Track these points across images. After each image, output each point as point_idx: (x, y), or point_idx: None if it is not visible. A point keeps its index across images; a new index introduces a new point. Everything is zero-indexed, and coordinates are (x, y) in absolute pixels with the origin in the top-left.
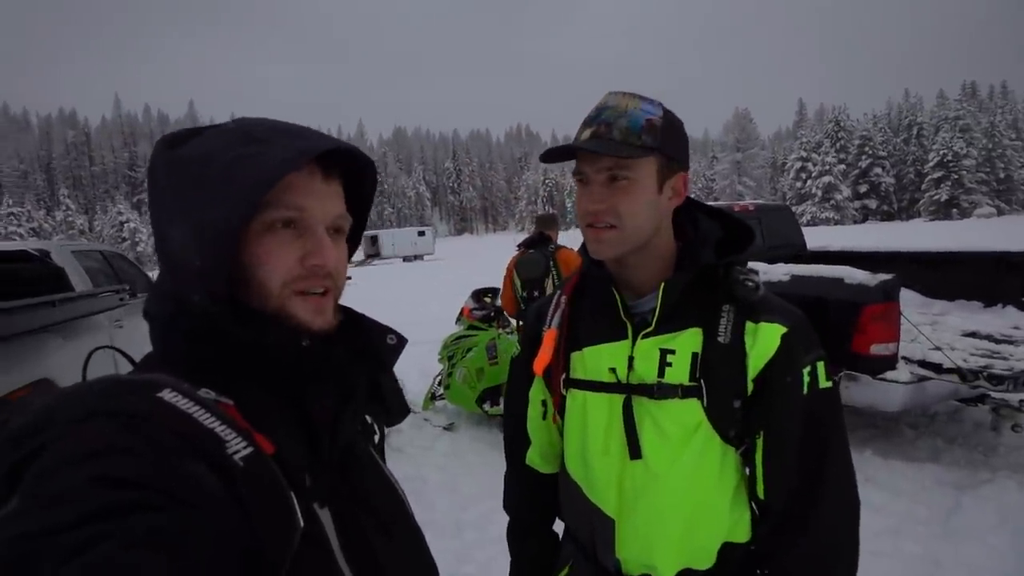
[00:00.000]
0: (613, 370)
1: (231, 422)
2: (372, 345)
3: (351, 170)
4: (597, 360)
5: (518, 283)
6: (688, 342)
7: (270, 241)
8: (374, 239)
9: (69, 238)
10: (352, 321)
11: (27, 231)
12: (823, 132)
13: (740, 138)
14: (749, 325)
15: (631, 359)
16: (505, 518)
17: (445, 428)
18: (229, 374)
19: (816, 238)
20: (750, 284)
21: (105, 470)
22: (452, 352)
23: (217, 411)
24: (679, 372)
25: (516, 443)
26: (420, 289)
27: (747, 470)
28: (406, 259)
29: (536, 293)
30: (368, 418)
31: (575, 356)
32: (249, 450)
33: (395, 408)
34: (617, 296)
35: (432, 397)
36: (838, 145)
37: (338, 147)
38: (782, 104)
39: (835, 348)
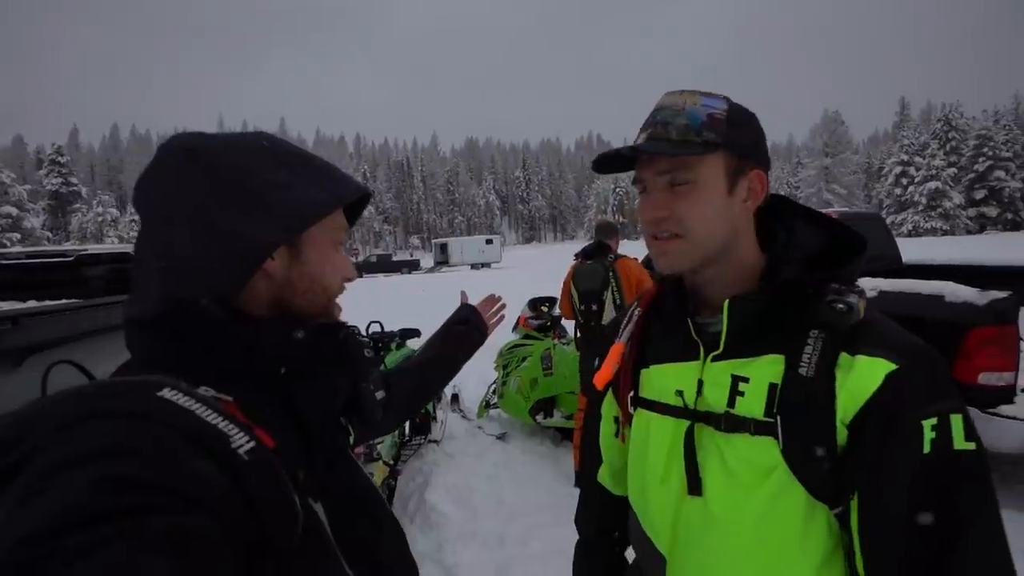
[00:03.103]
0: (680, 393)
1: (232, 418)
2: (351, 353)
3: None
4: (663, 380)
5: (575, 295)
6: (765, 371)
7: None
8: (443, 247)
9: None
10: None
11: None
12: (929, 133)
13: (829, 142)
14: (844, 357)
15: (700, 383)
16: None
17: (497, 437)
18: (223, 373)
19: (915, 250)
20: (840, 307)
21: (109, 471)
22: (507, 361)
23: (218, 407)
24: (752, 404)
25: (589, 459)
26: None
27: (846, 538)
28: (473, 267)
29: (594, 306)
30: (342, 420)
31: (644, 373)
32: (252, 444)
33: (369, 414)
34: (688, 312)
35: (486, 405)
36: (948, 147)
37: (366, 192)
38: (879, 105)
39: None
